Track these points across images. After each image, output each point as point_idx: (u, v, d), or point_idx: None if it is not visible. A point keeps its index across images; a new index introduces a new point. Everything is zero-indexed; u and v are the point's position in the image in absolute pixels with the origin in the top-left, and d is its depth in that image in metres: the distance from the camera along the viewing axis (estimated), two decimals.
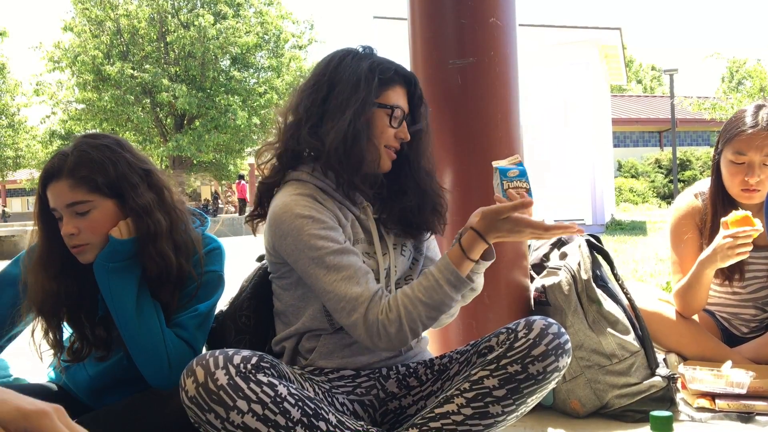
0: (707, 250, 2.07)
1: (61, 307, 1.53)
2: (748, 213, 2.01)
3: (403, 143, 1.53)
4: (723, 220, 2.05)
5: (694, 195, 2.28)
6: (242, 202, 21.53)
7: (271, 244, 1.50)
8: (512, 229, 1.36)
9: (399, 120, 1.51)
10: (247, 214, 1.61)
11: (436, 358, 1.57)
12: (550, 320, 1.40)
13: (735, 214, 2.01)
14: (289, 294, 1.54)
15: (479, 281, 1.52)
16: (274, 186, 1.54)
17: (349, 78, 1.48)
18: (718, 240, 2.03)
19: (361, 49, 1.56)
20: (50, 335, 1.54)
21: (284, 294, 1.56)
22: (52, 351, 1.57)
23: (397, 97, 1.52)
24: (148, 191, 1.50)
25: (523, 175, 1.42)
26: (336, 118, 1.45)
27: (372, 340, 1.38)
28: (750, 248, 2.00)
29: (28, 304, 1.52)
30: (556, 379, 1.38)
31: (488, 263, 1.49)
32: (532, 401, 1.38)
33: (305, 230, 1.41)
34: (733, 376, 1.91)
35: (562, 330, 1.40)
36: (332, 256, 1.39)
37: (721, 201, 2.18)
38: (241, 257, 1.59)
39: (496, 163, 1.45)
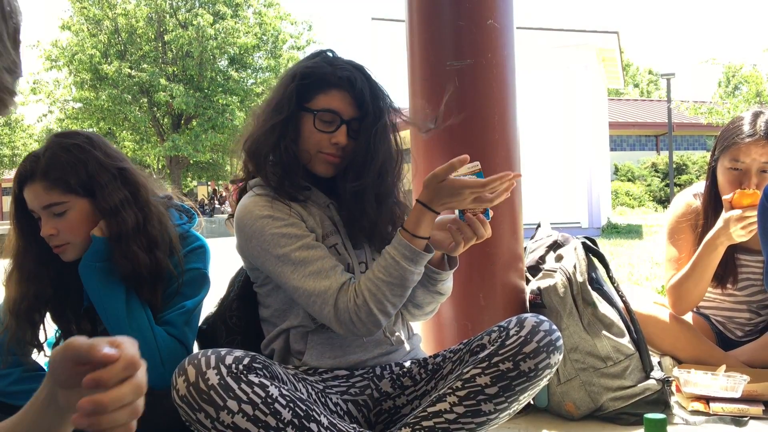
0: (714, 228, 2.05)
1: (33, 308, 1.53)
2: (757, 191, 2.00)
3: (360, 146, 1.47)
4: (725, 198, 2.04)
5: (692, 195, 2.28)
6: None
7: (240, 249, 1.52)
8: (452, 192, 1.33)
9: (331, 124, 1.46)
10: (229, 213, 1.63)
11: (430, 357, 1.57)
12: (542, 317, 1.41)
13: (743, 192, 2.00)
14: (271, 299, 1.55)
15: (447, 286, 1.54)
16: (244, 189, 1.57)
17: (277, 89, 1.52)
18: (725, 218, 2.02)
19: (320, 55, 1.55)
20: (25, 336, 1.54)
21: (268, 300, 1.56)
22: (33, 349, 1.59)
23: (330, 101, 1.46)
24: (120, 189, 1.50)
25: None
26: (257, 124, 1.51)
27: (347, 329, 1.40)
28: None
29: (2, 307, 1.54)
30: (548, 376, 1.38)
31: (450, 272, 1.51)
32: (525, 399, 1.38)
33: (267, 230, 1.43)
34: (728, 380, 1.92)
35: (554, 327, 1.40)
36: (297, 252, 1.41)
37: (713, 208, 2.17)
38: (236, 257, 1.58)
39: (454, 174, 1.36)
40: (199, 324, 1.72)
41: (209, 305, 1.74)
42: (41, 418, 0.75)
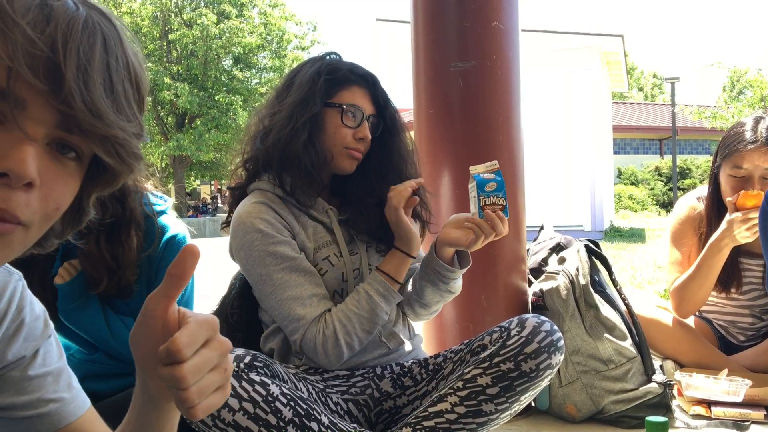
0: (719, 230, 2.05)
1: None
2: (761, 192, 1.99)
3: (372, 145, 1.53)
4: (729, 200, 2.03)
5: (696, 198, 2.28)
6: None
7: (230, 253, 1.53)
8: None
9: (355, 119, 1.49)
10: (223, 220, 1.62)
11: (431, 357, 1.57)
12: (543, 318, 1.41)
13: (746, 193, 1.99)
14: None
15: (458, 284, 1.55)
16: (241, 194, 1.56)
17: (299, 83, 1.50)
18: (728, 220, 2.02)
19: (326, 57, 1.56)
20: None
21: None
22: None
23: (354, 97, 1.50)
24: None
25: (500, 188, 1.41)
26: (279, 122, 1.49)
27: (310, 356, 1.44)
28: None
29: None
30: (549, 377, 1.38)
31: (463, 270, 1.52)
32: (525, 399, 1.38)
33: (255, 246, 1.44)
34: (729, 384, 1.91)
35: (555, 328, 1.40)
36: (279, 274, 1.42)
37: (716, 213, 2.17)
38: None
39: (473, 170, 1.43)
40: None
41: (211, 304, 1.75)
42: (143, 416, 0.72)
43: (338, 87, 1.49)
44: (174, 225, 1.64)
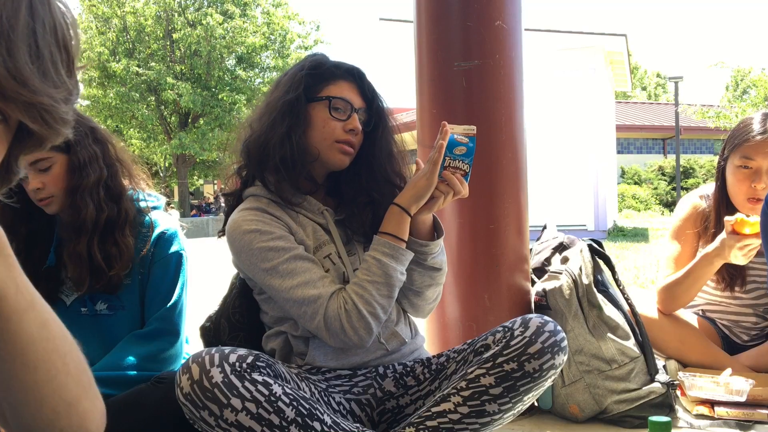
0: (713, 245, 2.06)
1: None
2: (758, 219, 1.99)
3: (363, 142, 1.53)
4: (727, 219, 2.03)
5: (699, 196, 2.29)
6: None
7: (233, 263, 1.53)
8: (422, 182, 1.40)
9: (344, 111, 1.49)
10: (219, 229, 1.62)
11: (434, 357, 1.57)
12: (546, 318, 1.40)
13: (744, 219, 1.99)
14: (268, 306, 1.55)
15: (439, 259, 1.53)
16: (236, 200, 1.56)
17: (283, 82, 1.51)
18: (722, 240, 2.02)
19: (310, 57, 1.57)
20: None
21: (265, 306, 1.57)
22: None
23: (341, 91, 1.50)
24: (90, 146, 1.61)
25: (469, 155, 1.41)
26: (261, 119, 1.49)
27: (338, 339, 1.40)
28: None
29: None
30: (553, 377, 1.38)
31: (438, 241, 1.50)
32: (529, 399, 1.38)
33: (254, 244, 1.43)
34: (733, 384, 1.91)
35: (558, 328, 1.39)
36: (285, 264, 1.41)
37: (724, 208, 2.18)
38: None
39: (450, 128, 1.42)
40: (204, 323, 1.73)
41: (212, 304, 1.75)
42: None
43: (324, 82, 1.50)
44: (164, 221, 1.67)
